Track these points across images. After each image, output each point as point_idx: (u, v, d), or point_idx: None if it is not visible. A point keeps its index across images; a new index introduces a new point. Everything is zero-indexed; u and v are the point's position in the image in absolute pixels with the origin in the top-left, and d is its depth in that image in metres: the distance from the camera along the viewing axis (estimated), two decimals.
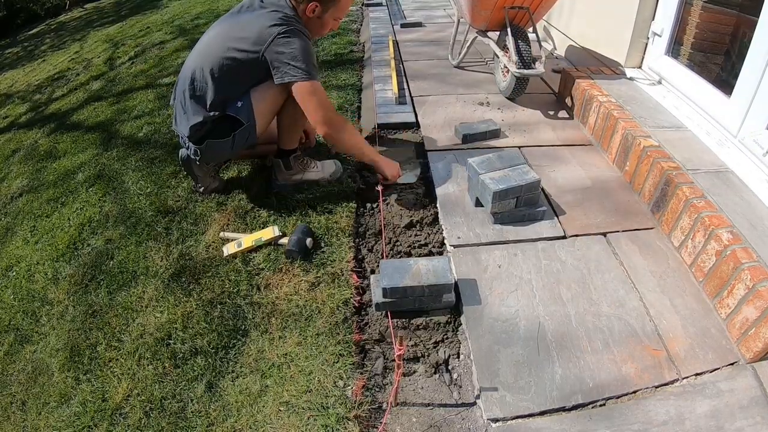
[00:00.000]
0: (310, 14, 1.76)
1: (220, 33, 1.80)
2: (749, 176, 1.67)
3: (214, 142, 1.83)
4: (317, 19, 1.79)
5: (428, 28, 4.07)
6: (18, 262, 2.06)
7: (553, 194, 1.91)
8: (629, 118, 2.03)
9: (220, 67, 1.72)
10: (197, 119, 1.79)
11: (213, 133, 1.82)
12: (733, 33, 2.08)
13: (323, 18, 1.80)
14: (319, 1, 1.75)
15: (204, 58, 1.76)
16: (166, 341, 1.50)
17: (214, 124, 1.81)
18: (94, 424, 1.34)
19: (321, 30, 1.87)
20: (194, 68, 1.77)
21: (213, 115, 1.78)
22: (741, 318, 1.32)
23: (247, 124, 1.79)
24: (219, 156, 1.96)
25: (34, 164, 2.85)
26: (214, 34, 1.82)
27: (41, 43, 6.80)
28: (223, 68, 1.72)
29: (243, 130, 1.80)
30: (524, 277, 1.55)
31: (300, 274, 1.65)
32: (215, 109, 1.78)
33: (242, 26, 1.75)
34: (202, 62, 1.76)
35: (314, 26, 1.83)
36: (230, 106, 1.78)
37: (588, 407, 1.21)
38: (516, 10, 2.43)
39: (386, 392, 1.31)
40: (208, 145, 1.84)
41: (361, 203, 2.01)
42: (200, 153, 1.86)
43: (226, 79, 1.74)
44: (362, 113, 2.78)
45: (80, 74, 4.31)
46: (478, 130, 2.25)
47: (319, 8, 1.76)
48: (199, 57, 1.79)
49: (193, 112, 1.80)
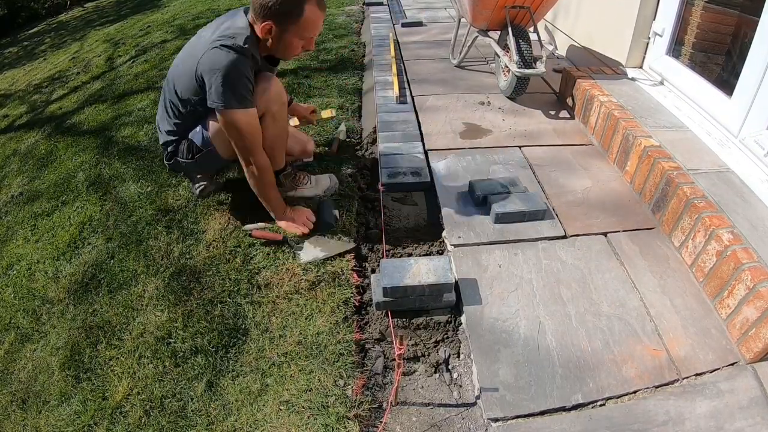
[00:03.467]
0: (265, 35, 1.55)
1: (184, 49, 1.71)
2: (750, 176, 1.67)
3: (179, 162, 1.81)
4: (277, 40, 1.57)
5: (430, 27, 4.07)
6: (18, 261, 2.07)
7: (553, 194, 1.91)
8: (630, 118, 2.03)
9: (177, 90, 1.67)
10: (164, 138, 1.80)
11: (178, 152, 1.80)
12: (734, 33, 2.08)
13: (284, 39, 1.57)
14: (275, 21, 1.52)
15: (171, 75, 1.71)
16: (167, 340, 1.50)
17: (180, 144, 1.79)
18: (94, 422, 1.34)
19: (287, 51, 1.64)
20: (167, 84, 1.73)
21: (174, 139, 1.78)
22: (741, 318, 1.32)
23: (206, 150, 1.75)
24: (191, 173, 1.95)
25: (34, 163, 2.85)
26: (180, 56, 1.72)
27: (41, 42, 6.79)
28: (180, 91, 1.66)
29: (204, 156, 1.77)
30: (525, 277, 1.55)
31: (300, 273, 1.65)
32: (178, 132, 1.77)
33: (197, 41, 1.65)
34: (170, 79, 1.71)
35: (279, 49, 1.62)
36: (192, 131, 1.76)
37: (588, 407, 1.21)
38: (517, 10, 2.43)
39: (386, 391, 1.31)
40: (174, 164, 1.84)
41: (362, 202, 2.01)
42: (169, 168, 1.87)
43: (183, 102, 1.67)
44: (363, 114, 2.78)
45: (80, 74, 4.30)
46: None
47: (276, 29, 1.54)
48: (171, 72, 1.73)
49: (164, 132, 1.80)
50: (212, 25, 1.66)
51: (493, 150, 2.20)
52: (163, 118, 1.80)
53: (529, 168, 2.06)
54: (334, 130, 2.51)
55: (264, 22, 1.52)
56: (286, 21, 1.52)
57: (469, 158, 2.14)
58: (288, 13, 1.51)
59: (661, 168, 1.72)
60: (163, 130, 1.81)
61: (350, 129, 2.56)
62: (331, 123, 2.58)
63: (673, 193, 1.65)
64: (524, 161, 2.11)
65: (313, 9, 1.53)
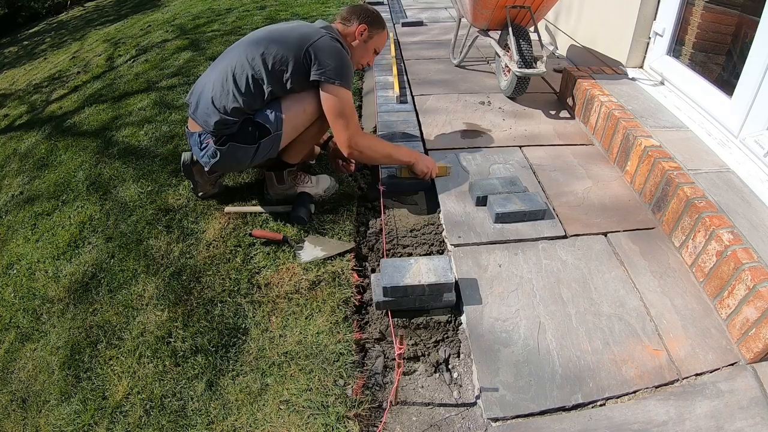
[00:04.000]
0: (358, 36, 1.81)
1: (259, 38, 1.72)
2: (750, 177, 1.67)
3: (237, 147, 1.71)
4: (363, 43, 1.83)
5: (431, 27, 4.07)
6: (19, 260, 2.07)
7: (553, 194, 1.91)
8: (630, 117, 2.02)
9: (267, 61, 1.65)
10: (224, 117, 1.67)
11: (238, 136, 1.71)
12: (735, 33, 2.08)
13: (368, 44, 1.84)
14: (369, 24, 1.80)
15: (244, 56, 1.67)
16: (167, 339, 1.50)
17: (240, 126, 1.71)
18: (94, 422, 1.34)
19: (363, 57, 1.89)
20: (234, 65, 1.67)
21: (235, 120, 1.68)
22: (741, 318, 1.32)
23: (274, 134, 1.72)
24: (235, 164, 1.83)
25: (34, 163, 2.85)
26: (253, 39, 1.74)
27: (41, 41, 6.79)
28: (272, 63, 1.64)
29: (269, 140, 1.72)
30: (525, 277, 1.55)
31: (300, 273, 1.65)
32: (245, 113, 1.69)
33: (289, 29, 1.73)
34: (241, 60, 1.67)
35: (358, 52, 1.85)
36: (260, 113, 1.71)
37: (588, 407, 1.21)
38: (517, 10, 2.43)
39: (386, 391, 1.31)
40: (230, 149, 1.71)
41: (362, 202, 2.01)
42: (219, 155, 1.72)
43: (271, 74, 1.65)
44: (363, 113, 2.78)
45: (80, 73, 4.30)
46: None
47: (367, 32, 1.81)
48: (239, 55, 1.69)
49: (222, 109, 1.67)
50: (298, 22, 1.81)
51: (494, 150, 2.20)
52: (227, 95, 1.67)
53: (529, 168, 2.06)
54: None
55: (361, 24, 1.80)
56: (375, 29, 1.84)
57: (470, 158, 2.14)
58: (378, 24, 1.86)
59: (661, 168, 1.72)
60: (223, 108, 1.67)
61: None
62: None
63: (673, 193, 1.65)
64: (524, 161, 2.11)
65: (386, 30, 1.92)
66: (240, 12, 5.14)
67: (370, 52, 1.89)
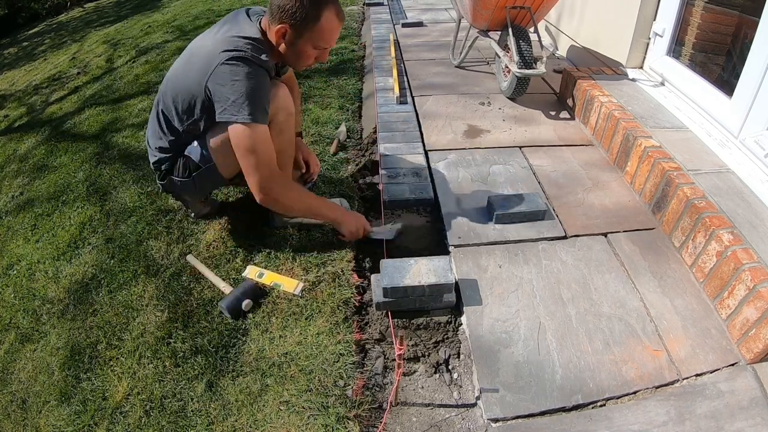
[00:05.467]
0: (278, 39, 1.47)
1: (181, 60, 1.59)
2: (750, 177, 1.67)
3: (174, 181, 1.67)
4: (291, 47, 1.49)
5: (431, 28, 4.07)
6: (18, 261, 2.06)
7: (553, 195, 1.91)
8: (630, 118, 2.03)
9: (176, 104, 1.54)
10: (158, 155, 1.66)
11: (173, 170, 1.66)
12: (735, 33, 2.08)
13: (297, 46, 1.48)
14: (291, 24, 1.43)
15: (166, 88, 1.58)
16: (167, 340, 1.50)
17: (176, 160, 1.65)
18: (94, 422, 1.34)
19: (299, 61, 1.55)
20: (158, 99, 1.60)
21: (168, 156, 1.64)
22: (741, 319, 1.32)
23: (205, 167, 1.61)
24: (186, 195, 1.78)
25: (34, 163, 2.85)
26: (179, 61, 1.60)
27: (41, 42, 6.79)
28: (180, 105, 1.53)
29: (202, 173, 1.63)
30: (525, 277, 1.55)
31: (300, 274, 1.65)
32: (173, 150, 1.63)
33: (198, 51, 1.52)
34: (165, 92, 1.58)
35: (289, 56, 1.53)
36: (189, 146, 1.63)
37: (588, 407, 1.21)
38: (517, 10, 2.44)
39: (386, 392, 1.31)
40: (169, 183, 1.69)
41: (362, 202, 2.01)
42: (163, 189, 1.73)
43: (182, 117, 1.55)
44: (363, 114, 2.78)
45: (80, 74, 4.30)
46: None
47: (290, 32, 1.45)
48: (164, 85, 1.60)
49: (155, 148, 1.66)
50: (212, 33, 1.52)
51: (494, 150, 2.20)
52: (155, 135, 1.65)
53: (529, 168, 2.06)
54: (334, 130, 2.51)
55: (279, 25, 1.44)
56: (301, 26, 1.44)
57: (470, 158, 2.14)
58: (305, 17, 1.42)
59: (661, 168, 1.72)
60: (155, 147, 1.67)
61: (350, 129, 2.56)
62: (331, 123, 2.58)
63: (673, 194, 1.65)
64: (524, 162, 2.11)
65: (330, 17, 1.45)
66: None
67: (305, 52, 1.51)
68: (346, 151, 2.39)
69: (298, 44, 1.48)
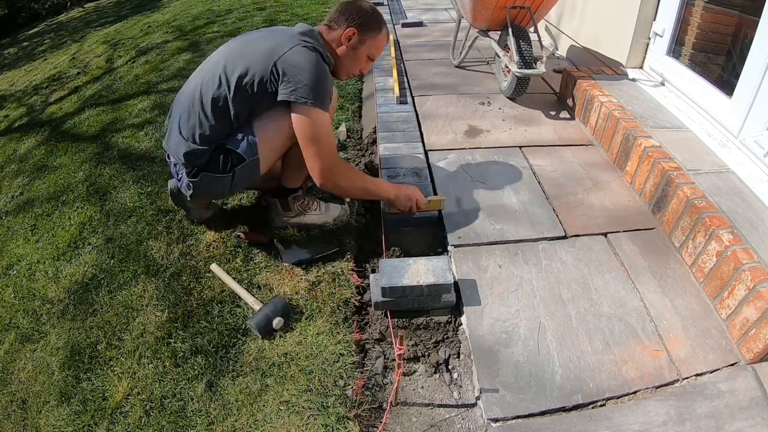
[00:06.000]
0: (345, 42, 1.56)
1: (229, 50, 1.57)
2: (750, 177, 1.67)
3: (210, 177, 1.58)
4: (352, 50, 1.58)
5: (431, 28, 4.07)
6: (18, 261, 2.06)
7: (553, 195, 1.91)
8: (630, 118, 2.03)
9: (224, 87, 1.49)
10: (194, 147, 1.54)
11: (210, 165, 1.57)
12: (735, 33, 2.08)
13: (358, 51, 1.58)
14: (358, 27, 1.54)
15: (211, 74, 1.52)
16: (167, 340, 1.50)
17: (212, 155, 1.56)
18: (94, 422, 1.34)
19: (352, 66, 1.63)
20: (197, 89, 1.53)
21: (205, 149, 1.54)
22: (741, 319, 1.32)
23: (249, 160, 1.56)
24: (214, 194, 1.71)
25: (34, 163, 2.85)
26: (223, 52, 1.58)
27: (41, 42, 6.79)
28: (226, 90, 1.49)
29: (244, 167, 1.57)
30: (525, 277, 1.55)
31: (300, 274, 1.65)
32: (214, 140, 1.55)
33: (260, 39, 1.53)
34: (207, 78, 1.52)
35: (346, 61, 1.60)
36: (231, 138, 1.55)
37: (588, 407, 1.21)
38: (517, 10, 2.43)
39: (386, 392, 1.31)
40: (203, 179, 1.59)
41: (362, 202, 2.01)
42: (193, 187, 1.62)
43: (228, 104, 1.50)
44: (363, 114, 2.78)
45: (80, 74, 4.30)
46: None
47: (357, 36, 1.55)
48: (203, 76, 1.55)
49: (190, 138, 1.55)
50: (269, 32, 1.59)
51: (494, 150, 2.20)
52: (194, 121, 1.53)
53: (529, 168, 2.06)
54: (333, 130, 2.51)
55: (348, 27, 1.55)
56: (367, 32, 1.57)
57: (470, 158, 2.14)
58: (371, 26, 1.58)
59: (661, 168, 1.72)
60: (191, 137, 1.54)
61: (350, 129, 2.56)
62: (331, 123, 2.58)
63: (673, 194, 1.65)
64: (524, 161, 2.11)
65: (385, 32, 1.65)
66: (240, 13, 5.14)
67: (361, 59, 1.62)
68: (346, 151, 2.39)
69: (360, 49, 1.60)
